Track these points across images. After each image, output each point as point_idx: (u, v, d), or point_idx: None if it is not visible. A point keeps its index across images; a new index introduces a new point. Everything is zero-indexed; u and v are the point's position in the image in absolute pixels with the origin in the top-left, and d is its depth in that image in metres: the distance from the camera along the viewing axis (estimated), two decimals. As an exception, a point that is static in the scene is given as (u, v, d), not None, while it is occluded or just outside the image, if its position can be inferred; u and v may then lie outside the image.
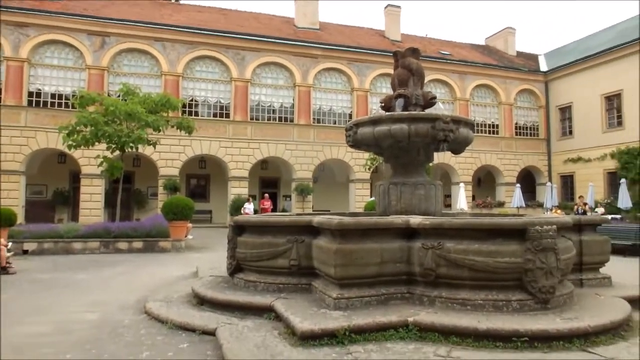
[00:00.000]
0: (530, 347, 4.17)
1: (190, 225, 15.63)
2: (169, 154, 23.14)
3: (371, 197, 22.40)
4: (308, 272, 5.69)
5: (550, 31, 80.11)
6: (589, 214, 18.56)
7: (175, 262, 11.20)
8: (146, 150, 20.68)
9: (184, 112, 22.59)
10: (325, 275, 5.27)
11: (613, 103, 27.09)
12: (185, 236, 14.69)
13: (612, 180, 25.71)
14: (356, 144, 6.98)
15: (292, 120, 25.57)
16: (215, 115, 24.72)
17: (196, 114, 24.04)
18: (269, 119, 25.40)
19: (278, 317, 5.00)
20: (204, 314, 5.50)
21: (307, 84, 25.57)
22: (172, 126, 16.94)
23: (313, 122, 25.86)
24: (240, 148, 24.37)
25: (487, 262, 4.71)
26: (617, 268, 8.27)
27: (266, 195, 23.05)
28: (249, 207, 20.68)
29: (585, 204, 20.65)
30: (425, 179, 6.96)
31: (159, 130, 16.45)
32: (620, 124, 26.55)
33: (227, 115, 24.65)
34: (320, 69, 26.10)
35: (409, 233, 5.17)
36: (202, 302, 5.90)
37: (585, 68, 28.57)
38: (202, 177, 28.15)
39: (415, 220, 5.15)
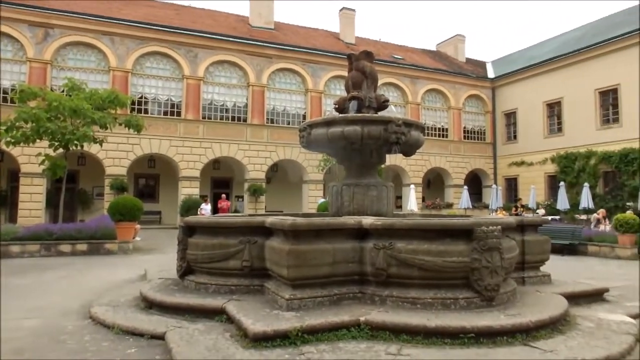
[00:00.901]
0: (476, 342, 4.33)
1: (138, 226, 15.15)
2: (117, 152, 22.35)
3: (324, 198, 22.53)
4: (260, 274, 5.66)
5: (498, 40, 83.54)
6: (525, 214, 19.45)
7: (123, 264, 10.82)
8: (92, 149, 19.87)
9: (132, 109, 21.82)
10: (277, 276, 5.26)
11: (554, 110, 28.56)
12: (133, 238, 14.22)
13: (552, 183, 27.10)
14: (310, 145, 7.00)
15: (245, 120, 25.32)
16: (165, 113, 24.09)
17: (146, 111, 23.33)
18: (221, 118, 25.02)
19: (230, 320, 4.94)
20: (152, 317, 5.35)
21: (261, 83, 25.41)
22: (120, 124, 16.35)
23: (267, 122, 25.71)
24: (191, 147, 23.89)
25: (436, 262, 4.85)
26: (556, 266, 8.73)
27: (223, 195, 22.70)
28: (206, 207, 20.20)
29: (522, 206, 21.72)
30: (377, 181, 7.08)
31: (106, 128, 15.84)
32: (560, 130, 28.02)
33: (179, 114, 24.08)
34: (274, 69, 25.99)
35: (362, 233, 5.24)
36: (150, 305, 5.73)
37: (529, 76, 29.95)
38: (151, 176, 27.36)
39: (367, 220, 5.23)
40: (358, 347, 4.24)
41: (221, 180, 28.19)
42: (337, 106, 7.54)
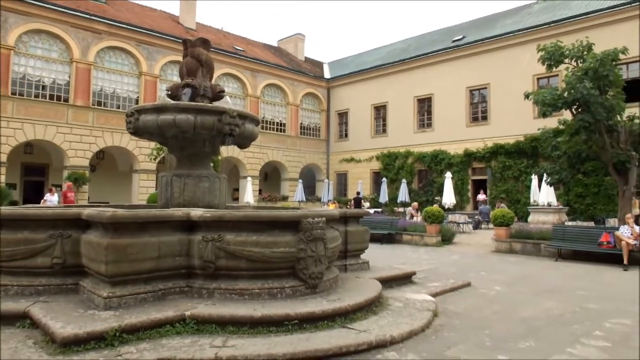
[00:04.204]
0: (300, 328, 4.56)
1: None
2: None
3: (157, 189, 21.36)
4: (75, 271, 5.19)
5: (335, 42, 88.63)
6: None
7: None
8: None
9: None
10: (95, 273, 4.83)
11: (380, 113, 31.41)
12: None
13: (377, 179, 29.80)
14: (138, 131, 6.54)
15: (66, 100, 22.56)
16: (-39, 85, 20.23)
17: None
18: (37, 96, 21.88)
19: (35, 325, 4.39)
20: None
21: (87, 60, 22.90)
22: None
23: (93, 105, 23.28)
24: (-4, 127, 20.47)
25: (264, 253, 4.95)
26: (376, 254, 9.64)
27: (69, 184, 19.81)
28: (51, 199, 17.15)
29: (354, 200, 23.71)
30: (210, 172, 6.95)
31: None
32: (384, 131, 30.94)
33: (-21, 87, 20.43)
34: (104, 47, 23.66)
35: (190, 226, 5.09)
36: None
37: (360, 80, 32.41)
38: (-60, 159, 22.76)
39: (196, 212, 5.10)
40: (182, 342, 4.13)
41: (35, 166, 24.76)
42: (170, 92, 7.21)
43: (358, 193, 25.81)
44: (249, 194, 24.67)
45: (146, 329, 4.22)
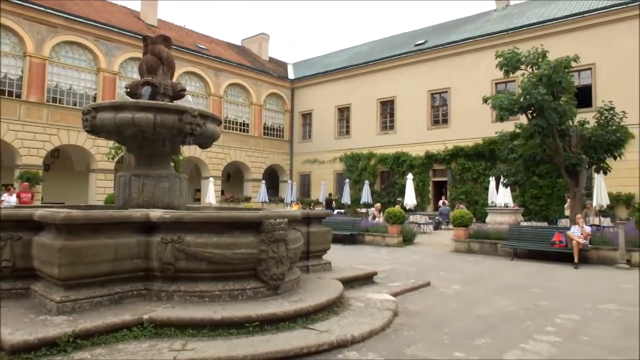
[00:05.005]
0: (261, 330, 4.53)
1: None
2: None
3: (115, 189, 20.74)
4: (26, 275, 5.00)
5: (300, 43, 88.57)
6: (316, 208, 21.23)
7: None
8: None
9: None
10: (48, 277, 4.66)
11: (344, 114, 31.62)
12: None
13: (340, 180, 29.97)
14: (95, 130, 6.34)
15: (19, 96, 21.61)
16: None
17: None
18: (-14, 92, 20.91)
19: (-19, 333, 4.18)
20: None
21: (41, 55, 22.00)
22: None
23: (47, 101, 22.39)
24: (-59, 123, 19.41)
25: (225, 254, 4.89)
26: (338, 254, 9.70)
27: (24, 184, 18.76)
28: (9, 199, 15.94)
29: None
30: (169, 172, 6.80)
31: None
32: (348, 132, 31.16)
33: None
34: (60, 41, 22.79)
35: (149, 227, 4.98)
36: None
37: (324, 81, 32.52)
38: None
39: (155, 213, 4.99)
40: (139, 346, 4.03)
41: (-16, 165, 23.60)
42: (129, 90, 7.01)
43: (330, 194, 25.91)
44: (211, 194, 24.33)
45: (102, 333, 4.11)
